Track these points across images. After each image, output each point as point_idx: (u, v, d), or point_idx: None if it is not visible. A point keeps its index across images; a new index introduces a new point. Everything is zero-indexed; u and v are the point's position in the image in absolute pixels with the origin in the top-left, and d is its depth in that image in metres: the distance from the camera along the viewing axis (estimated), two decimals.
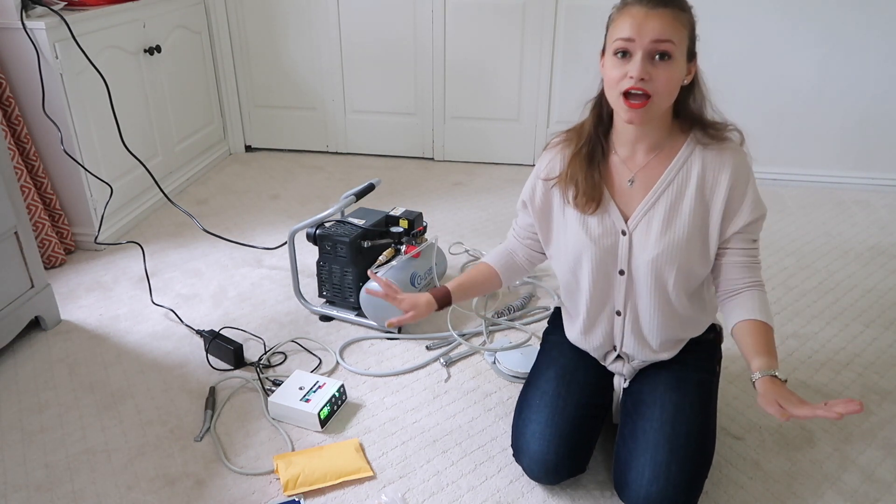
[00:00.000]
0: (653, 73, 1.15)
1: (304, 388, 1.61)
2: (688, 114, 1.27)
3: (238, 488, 1.41)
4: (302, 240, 2.26)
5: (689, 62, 1.21)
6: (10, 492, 1.40)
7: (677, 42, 1.15)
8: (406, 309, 1.41)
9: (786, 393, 1.10)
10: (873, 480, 1.42)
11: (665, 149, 1.27)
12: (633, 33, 1.15)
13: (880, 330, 1.92)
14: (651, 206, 1.27)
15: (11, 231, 1.79)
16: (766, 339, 1.21)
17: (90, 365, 1.79)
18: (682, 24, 1.17)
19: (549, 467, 1.32)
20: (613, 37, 1.19)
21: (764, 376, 1.14)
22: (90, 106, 2.31)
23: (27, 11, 2.07)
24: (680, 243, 1.25)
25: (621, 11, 1.19)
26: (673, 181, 1.26)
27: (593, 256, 1.32)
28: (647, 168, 1.28)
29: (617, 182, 1.31)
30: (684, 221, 1.25)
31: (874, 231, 2.52)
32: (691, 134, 1.26)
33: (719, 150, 1.24)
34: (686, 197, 1.25)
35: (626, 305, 1.34)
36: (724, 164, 1.24)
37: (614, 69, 1.18)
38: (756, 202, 1.25)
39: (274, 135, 3.38)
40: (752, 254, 1.28)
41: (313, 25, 3.09)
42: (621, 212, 1.29)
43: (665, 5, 1.15)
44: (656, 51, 1.15)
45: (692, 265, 1.27)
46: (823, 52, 2.71)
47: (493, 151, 3.22)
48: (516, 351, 1.78)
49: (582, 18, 2.87)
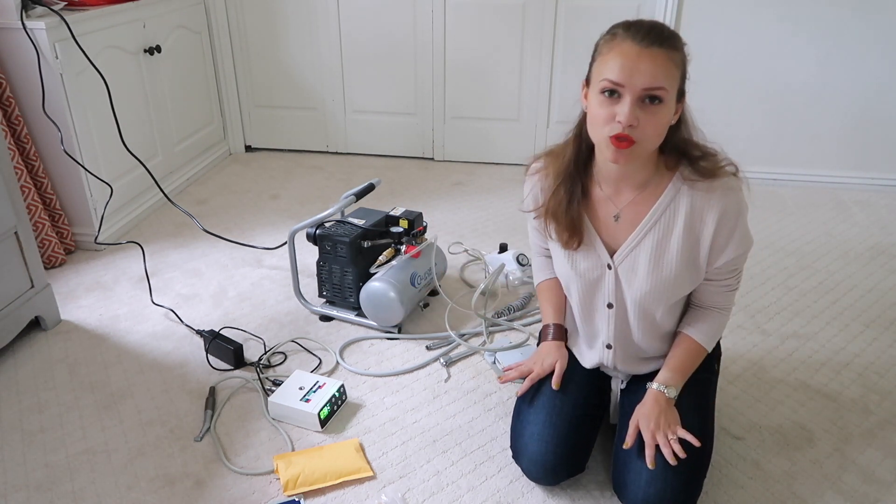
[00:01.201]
0: (641, 119, 1.08)
1: (304, 388, 1.61)
2: (672, 147, 1.21)
3: (238, 488, 1.41)
4: (302, 240, 2.26)
5: (678, 102, 1.15)
6: (10, 492, 1.40)
7: (669, 87, 1.09)
8: (550, 368, 1.40)
9: (658, 412, 1.23)
10: (873, 480, 1.42)
11: (651, 186, 1.22)
12: (623, 78, 1.07)
13: (880, 330, 1.92)
14: (637, 243, 1.24)
15: (11, 231, 1.79)
16: (687, 359, 1.30)
17: (90, 365, 1.79)
18: (676, 65, 1.10)
19: (549, 468, 1.32)
20: (601, 74, 1.11)
21: (656, 389, 1.27)
22: (90, 106, 2.31)
23: (27, 11, 2.07)
24: (668, 280, 1.24)
25: (610, 45, 1.11)
26: (659, 220, 1.22)
27: (580, 289, 1.33)
28: (633, 204, 1.24)
29: (601, 216, 1.27)
30: (672, 258, 1.23)
31: (874, 231, 2.52)
32: (678, 171, 1.21)
33: (708, 190, 1.18)
34: (674, 235, 1.22)
35: (615, 338, 1.36)
36: (712, 205, 1.18)
37: (600, 108, 1.11)
38: (742, 240, 1.21)
39: (274, 135, 3.38)
40: (730, 283, 1.28)
41: (313, 25, 3.09)
42: (607, 246, 1.27)
43: (660, 44, 1.08)
44: (647, 96, 1.08)
45: (680, 294, 1.28)
46: (823, 52, 2.71)
47: (494, 151, 3.22)
48: (516, 351, 1.78)
49: (582, 18, 2.87)
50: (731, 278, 1.28)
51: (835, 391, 1.68)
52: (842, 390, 1.68)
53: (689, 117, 1.20)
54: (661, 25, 1.11)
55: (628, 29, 1.10)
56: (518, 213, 2.64)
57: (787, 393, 1.67)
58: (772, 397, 1.66)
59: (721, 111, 2.82)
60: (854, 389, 1.68)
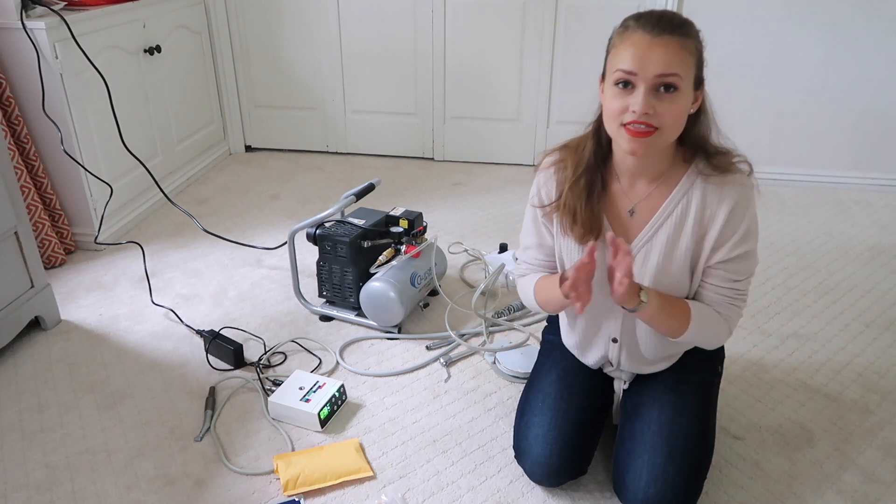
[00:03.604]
0: (657, 107, 1.07)
1: (304, 388, 1.61)
2: (692, 141, 1.20)
3: (238, 488, 1.41)
4: (302, 240, 2.26)
5: (696, 90, 1.13)
6: (10, 492, 1.40)
7: (683, 74, 1.07)
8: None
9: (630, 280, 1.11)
10: (873, 480, 1.42)
11: (666, 178, 1.21)
12: (636, 66, 1.06)
13: (880, 330, 1.92)
14: (650, 237, 1.23)
15: (11, 231, 1.79)
16: (675, 301, 1.22)
17: (90, 365, 1.79)
18: (690, 52, 1.09)
19: (552, 470, 1.32)
20: (614, 65, 1.10)
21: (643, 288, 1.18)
22: (90, 106, 2.31)
23: (27, 11, 2.07)
24: (677, 275, 1.23)
25: (622, 37, 1.10)
26: (672, 213, 1.21)
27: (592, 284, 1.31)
28: (649, 199, 1.23)
29: (617, 211, 1.26)
30: (682, 254, 1.22)
31: (874, 231, 2.52)
32: (693, 163, 1.20)
33: (720, 184, 1.17)
34: (685, 229, 1.21)
35: (622, 333, 1.34)
36: (724, 198, 1.17)
37: (615, 100, 1.10)
38: (742, 240, 1.18)
39: (274, 135, 3.38)
40: (729, 294, 1.23)
41: (313, 25, 3.09)
42: None
43: (671, 32, 1.07)
44: (661, 83, 1.07)
45: (682, 294, 1.26)
46: (823, 52, 2.71)
47: (493, 151, 3.21)
48: (516, 351, 1.78)
49: (582, 18, 2.87)
50: (729, 289, 1.23)
51: (835, 391, 1.68)
52: (842, 390, 1.68)
53: (709, 107, 1.19)
54: (672, 13, 1.11)
55: (639, 19, 1.10)
56: (518, 213, 2.64)
57: (787, 393, 1.67)
58: (772, 397, 1.65)
59: (721, 111, 2.79)
60: (854, 389, 1.68)
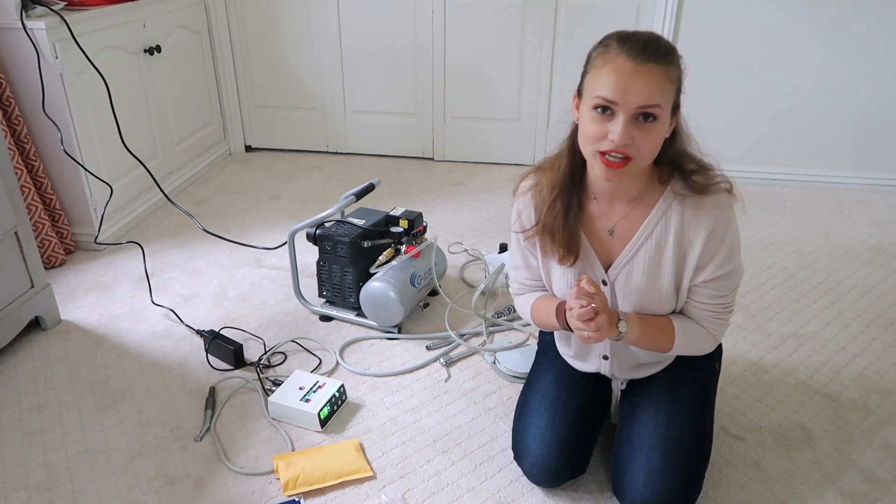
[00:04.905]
0: (636, 137, 1.05)
1: (304, 388, 1.61)
2: (667, 160, 1.18)
3: (238, 488, 1.41)
4: (302, 240, 2.26)
5: (672, 115, 1.11)
6: (10, 492, 1.40)
7: (664, 104, 1.05)
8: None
9: (605, 310, 1.16)
10: (873, 480, 1.42)
11: (643, 200, 1.20)
12: (618, 96, 1.03)
13: (880, 330, 1.92)
14: (631, 258, 1.23)
15: (11, 231, 1.79)
16: (655, 321, 1.24)
17: (90, 365, 1.79)
18: (671, 81, 1.06)
19: (550, 471, 1.32)
20: (594, 89, 1.06)
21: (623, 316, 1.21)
22: (90, 106, 2.31)
23: (27, 11, 2.07)
24: (662, 293, 1.23)
25: (605, 58, 1.06)
26: (651, 234, 1.20)
27: None
28: (627, 219, 1.22)
29: (596, 230, 1.25)
30: (666, 273, 1.21)
31: (874, 231, 2.52)
32: (670, 184, 1.18)
33: (697, 207, 1.15)
34: (666, 250, 1.20)
35: (612, 351, 1.35)
36: (702, 223, 1.15)
37: (593, 124, 1.07)
38: (725, 261, 1.17)
39: (274, 135, 3.38)
40: (715, 309, 1.23)
41: (313, 25, 3.09)
42: (602, 261, 1.26)
43: (656, 60, 1.03)
44: (641, 113, 1.05)
45: (668, 311, 1.27)
46: (824, 52, 2.71)
47: (493, 151, 3.21)
48: (516, 351, 1.78)
49: (582, 18, 2.87)
50: (715, 304, 1.23)
51: (835, 391, 1.68)
52: (842, 390, 1.68)
53: (682, 128, 1.17)
54: (657, 39, 1.07)
55: (623, 43, 1.06)
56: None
57: (787, 393, 1.67)
58: (772, 397, 1.65)
59: (721, 111, 2.82)
60: (854, 389, 1.68)
